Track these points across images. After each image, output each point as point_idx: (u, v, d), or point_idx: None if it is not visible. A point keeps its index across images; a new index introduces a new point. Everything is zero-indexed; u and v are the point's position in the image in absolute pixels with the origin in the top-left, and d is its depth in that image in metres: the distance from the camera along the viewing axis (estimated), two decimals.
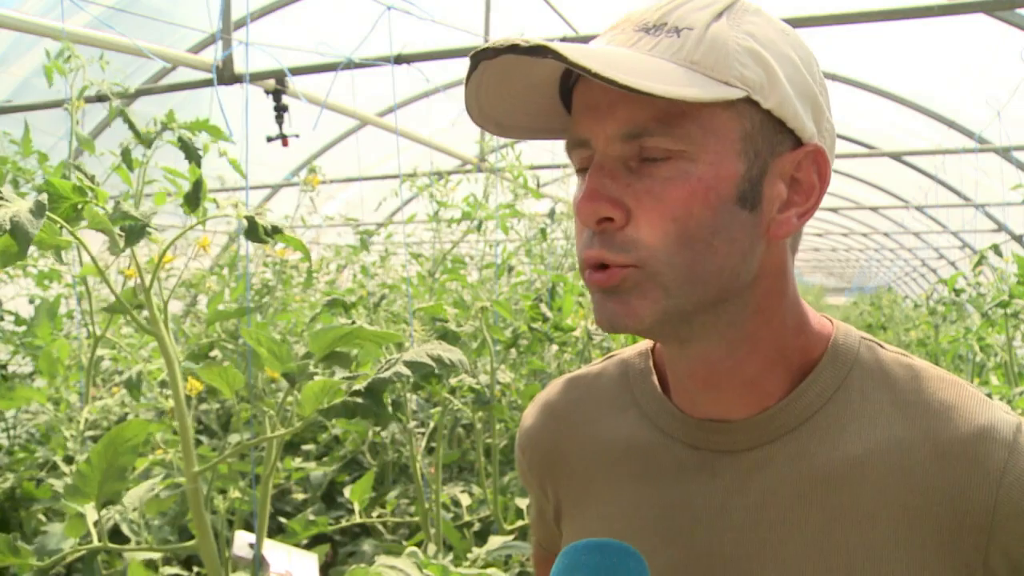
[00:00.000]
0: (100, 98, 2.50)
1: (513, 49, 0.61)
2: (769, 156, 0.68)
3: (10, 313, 3.27)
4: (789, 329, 0.74)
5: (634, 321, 0.68)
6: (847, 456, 0.71)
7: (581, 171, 0.72)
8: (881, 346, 0.77)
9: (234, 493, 1.95)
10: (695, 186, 0.65)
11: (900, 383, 0.73)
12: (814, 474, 0.71)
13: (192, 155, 1.71)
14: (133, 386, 1.93)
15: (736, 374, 0.74)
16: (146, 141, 1.79)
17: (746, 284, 0.70)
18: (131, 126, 1.77)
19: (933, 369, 0.74)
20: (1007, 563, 0.66)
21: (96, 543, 1.16)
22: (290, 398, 1.17)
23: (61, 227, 0.91)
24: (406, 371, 1.02)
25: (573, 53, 0.59)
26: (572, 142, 0.71)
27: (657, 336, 0.74)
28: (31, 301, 3.42)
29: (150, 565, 2.09)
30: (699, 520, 0.75)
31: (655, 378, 0.83)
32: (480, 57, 0.64)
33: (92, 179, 0.97)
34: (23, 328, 3.20)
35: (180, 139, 1.71)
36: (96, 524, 1.18)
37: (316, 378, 1.05)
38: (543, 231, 3.80)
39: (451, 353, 1.05)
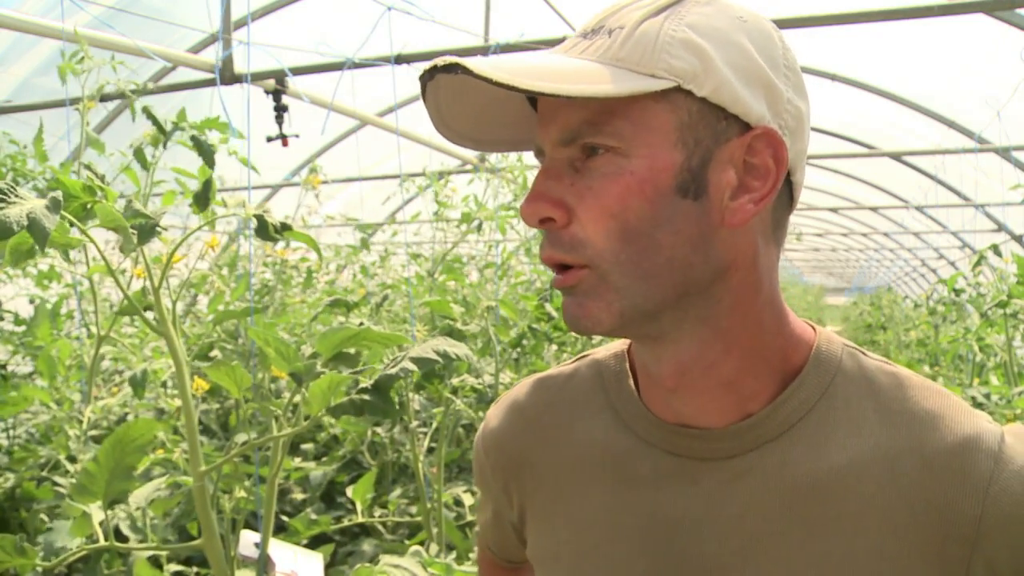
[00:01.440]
0: (102, 98, 2.49)
1: (434, 69, 0.63)
2: (712, 143, 0.67)
3: (10, 313, 3.27)
4: (766, 327, 0.73)
5: (592, 323, 0.69)
6: (831, 466, 0.70)
7: None
8: (864, 354, 0.76)
9: (239, 493, 1.95)
10: (629, 180, 0.66)
11: (884, 391, 0.72)
12: (797, 483, 0.70)
13: (206, 155, 1.71)
14: (137, 385, 1.94)
15: (711, 375, 0.72)
16: (156, 141, 1.79)
17: (710, 276, 0.69)
18: (155, 121, 1.77)
19: (916, 378, 0.73)
20: (990, 574, 0.66)
21: (103, 542, 1.16)
22: (296, 398, 1.17)
23: (71, 225, 0.91)
24: (412, 367, 1.01)
25: (481, 65, 0.61)
26: (535, 150, 0.73)
27: (625, 336, 0.74)
28: (31, 301, 3.43)
29: (152, 563, 2.09)
30: (678, 529, 0.74)
31: (631, 381, 0.81)
32: (423, 80, 0.66)
33: (102, 178, 0.97)
34: (23, 328, 3.20)
35: (193, 139, 1.71)
36: (102, 524, 1.18)
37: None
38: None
39: (456, 348, 1.04)
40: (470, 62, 0.61)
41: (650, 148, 0.66)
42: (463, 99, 0.71)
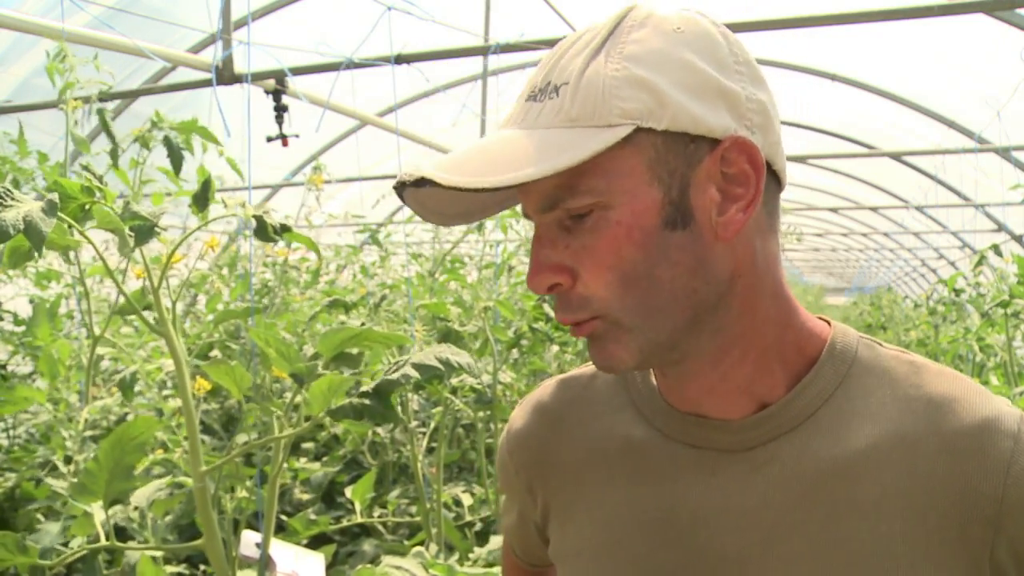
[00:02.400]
0: (99, 99, 2.49)
1: (403, 185, 0.66)
2: (687, 169, 0.67)
3: (9, 313, 3.27)
4: (776, 322, 0.73)
5: (618, 363, 0.71)
6: (850, 453, 0.70)
7: None
8: (880, 344, 0.77)
9: (241, 493, 1.95)
10: (616, 231, 0.67)
11: (901, 379, 0.73)
12: (817, 472, 0.71)
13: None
14: (126, 387, 1.93)
15: (732, 379, 0.73)
16: (146, 142, 1.79)
17: (716, 294, 0.69)
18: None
19: (933, 364, 0.74)
20: (1012, 555, 0.66)
21: (103, 542, 1.16)
22: (297, 398, 1.17)
23: (69, 227, 0.91)
24: (414, 373, 1.01)
25: (445, 176, 0.63)
26: (523, 213, 0.75)
27: (651, 368, 0.77)
28: (31, 301, 3.42)
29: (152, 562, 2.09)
30: (699, 520, 0.74)
31: (653, 378, 0.82)
32: (398, 192, 0.69)
33: (100, 179, 0.97)
34: (22, 328, 3.20)
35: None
36: (103, 523, 1.18)
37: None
38: None
39: (459, 356, 1.04)
40: (435, 174, 0.63)
41: (628, 194, 0.67)
42: (443, 192, 0.72)
